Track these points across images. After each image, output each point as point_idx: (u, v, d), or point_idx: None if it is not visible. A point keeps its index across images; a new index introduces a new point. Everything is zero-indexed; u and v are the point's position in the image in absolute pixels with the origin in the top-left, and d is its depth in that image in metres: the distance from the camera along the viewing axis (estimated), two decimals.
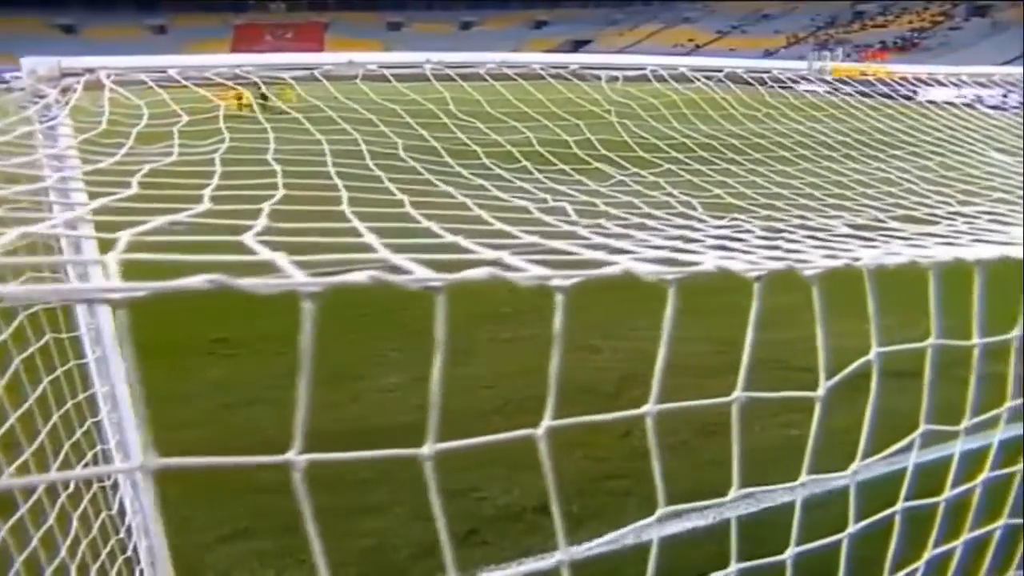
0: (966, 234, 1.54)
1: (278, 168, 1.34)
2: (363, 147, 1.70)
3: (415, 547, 3.67)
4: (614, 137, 2.24)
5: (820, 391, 0.89)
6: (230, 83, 2.39)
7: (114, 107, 2.01)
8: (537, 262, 0.73)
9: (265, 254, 0.68)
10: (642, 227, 1.16)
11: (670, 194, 1.65)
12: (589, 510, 4.28)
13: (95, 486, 2.29)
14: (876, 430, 1.30)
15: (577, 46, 68.95)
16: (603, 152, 2.04)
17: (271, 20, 74.23)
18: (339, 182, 1.26)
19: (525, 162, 1.76)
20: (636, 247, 0.96)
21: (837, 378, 0.94)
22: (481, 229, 0.91)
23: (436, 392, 0.73)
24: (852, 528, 1.12)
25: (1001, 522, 1.51)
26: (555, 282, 0.69)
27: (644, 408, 0.85)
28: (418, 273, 0.66)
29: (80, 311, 2.51)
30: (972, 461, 1.55)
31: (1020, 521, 1.54)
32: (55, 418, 1.97)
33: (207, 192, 1.17)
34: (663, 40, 67.59)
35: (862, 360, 0.95)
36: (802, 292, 1.02)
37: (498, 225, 0.93)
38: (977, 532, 1.50)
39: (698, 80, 2.96)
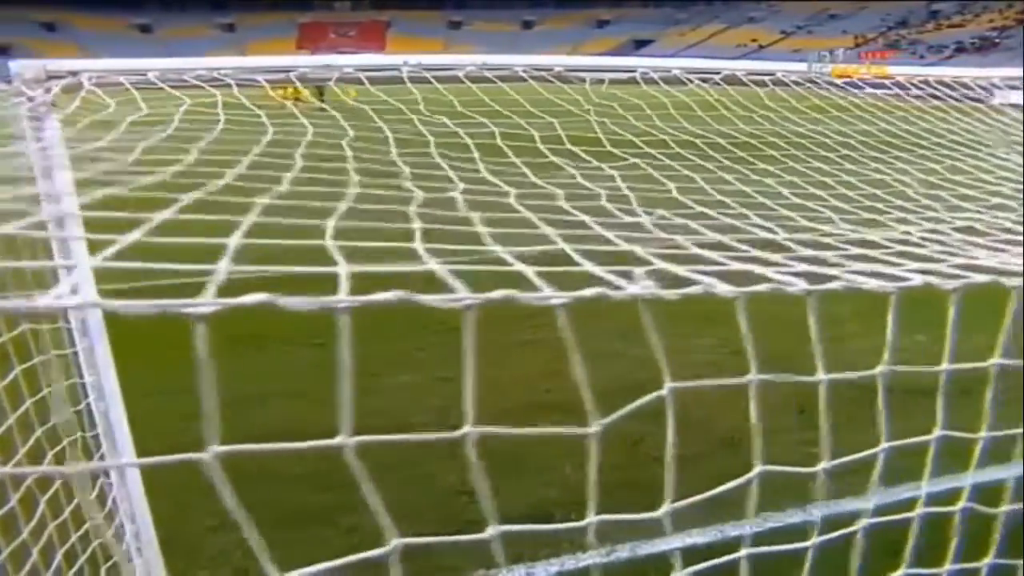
0: (904, 256, 1.46)
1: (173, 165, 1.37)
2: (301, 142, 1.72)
3: (406, 546, 3.66)
4: (587, 133, 2.21)
5: (593, 427, 0.86)
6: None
7: (86, 106, 2.08)
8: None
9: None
10: (524, 223, 1.14)
11: (616, 188, 1.62)
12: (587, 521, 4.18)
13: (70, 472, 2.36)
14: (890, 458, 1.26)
15: (639, 46, 68.29)
16: (568, 147, 2.01)
17: (335, 18, 75.77)
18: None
19: (476, 153, 1.74)
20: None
21: (614, 416, 0.90)
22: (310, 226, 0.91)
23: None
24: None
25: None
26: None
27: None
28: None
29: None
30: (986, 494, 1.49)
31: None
32: (25, 406, 2.05)
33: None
34: (726, 40, 66.37)
35: (650, 397, 0.92)
36: (845, 304, 1.00)
37: (334, 221, 0.92)
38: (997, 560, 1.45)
39: (691, 83, 2.89)
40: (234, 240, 0.89)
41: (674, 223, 1.31)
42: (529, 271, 0.82)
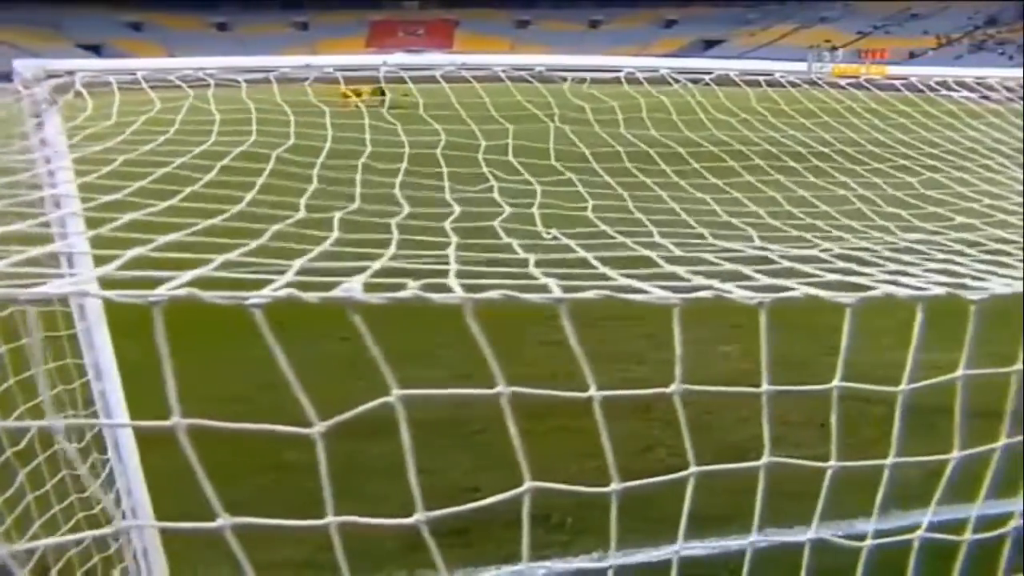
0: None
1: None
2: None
3: (402, 540, 3.74)
4: (538, 143, 2.22)
5: (315, 427, 0.90)
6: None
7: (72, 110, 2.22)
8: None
9: None
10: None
11: (527, 204, 1.64)
12: (585, 524, 4.17)
13: (57, 447, 2.52)
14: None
15: (707, 46, 67.11)
16: (507, 158, 2.03)
17: (404, 17, 76.96)
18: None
19: (402, 164, 1.79)
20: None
21: (337, 419, 0.94)
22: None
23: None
24: None
25: None
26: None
27: None
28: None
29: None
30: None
31: None
32: (9, 381, 2.20)
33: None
34: (798, 41, 64.51)
35: (372, 404, 0.95)
36: (892, 317, 1.03)
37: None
38: None
39: (676, 83, 2.86)
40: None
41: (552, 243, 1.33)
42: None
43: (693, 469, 1.23)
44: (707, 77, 2.86)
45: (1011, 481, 1.51)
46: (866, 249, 1.48)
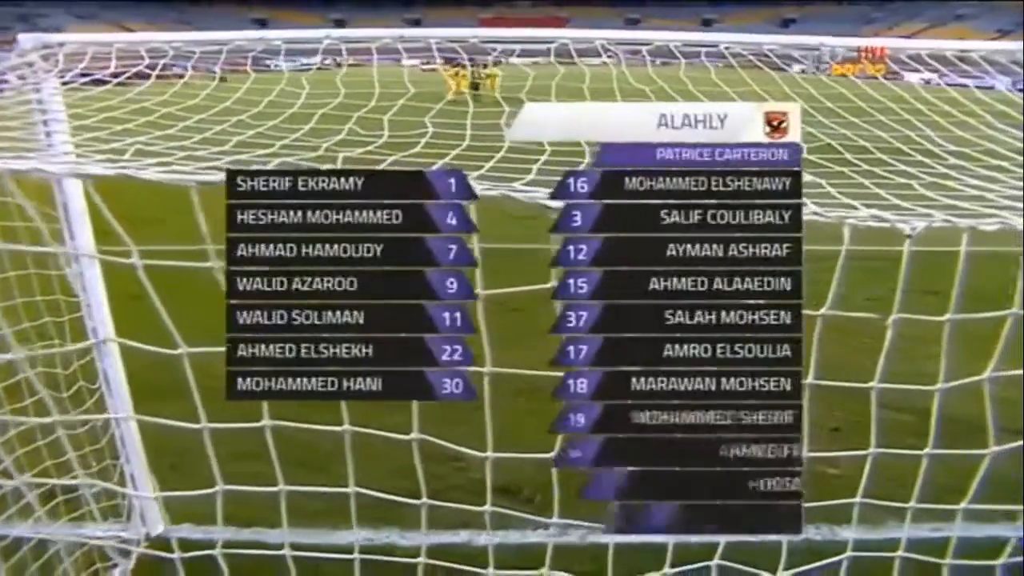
0: None
1: None
2: None
3: (372, 501, 3.88)
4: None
5: None
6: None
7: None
8: None
9: None
10: None
11: None
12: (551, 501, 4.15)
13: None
14: None
15: None
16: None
17: (514, 14, 77.75)
18: None
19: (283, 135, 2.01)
20: None
21: None
22: None
23: None
24: None
25: None
26: None
27: None
28: None
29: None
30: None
31: None
32: None
33: None
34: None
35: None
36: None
37: None
38: None
39: (605, 53, 2.92)
40: None
41: None
42: None
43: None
44: (644, 49, 2.90)
45: None
46: None
